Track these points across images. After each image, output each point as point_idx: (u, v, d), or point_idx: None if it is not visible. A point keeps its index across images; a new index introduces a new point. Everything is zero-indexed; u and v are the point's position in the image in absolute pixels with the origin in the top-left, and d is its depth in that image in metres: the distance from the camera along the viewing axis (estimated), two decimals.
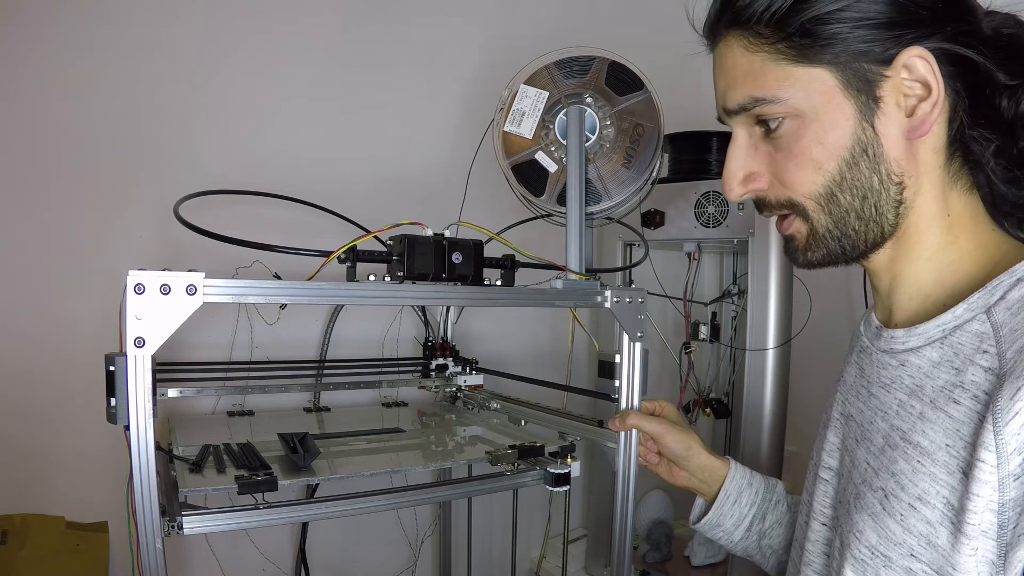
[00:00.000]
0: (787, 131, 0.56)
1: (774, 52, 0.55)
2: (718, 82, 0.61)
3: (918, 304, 0.58)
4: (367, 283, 0.74)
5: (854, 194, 0.56)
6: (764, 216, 0.63)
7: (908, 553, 0.51)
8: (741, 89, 0.57)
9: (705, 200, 1.30)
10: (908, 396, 0.56)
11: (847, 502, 0.60)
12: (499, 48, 1.49)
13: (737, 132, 0.61)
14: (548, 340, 1.62)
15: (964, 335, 0.53)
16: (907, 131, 0.54)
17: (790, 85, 0.55)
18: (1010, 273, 0.52)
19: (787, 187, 0.58)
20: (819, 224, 0.58)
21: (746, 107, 0.58)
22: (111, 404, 0.56)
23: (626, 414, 0.85)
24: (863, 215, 0.56)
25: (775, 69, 0.55)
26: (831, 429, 0.67)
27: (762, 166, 0.60)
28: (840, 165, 0.55)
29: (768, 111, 0.56)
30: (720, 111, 0.62)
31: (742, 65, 0.57)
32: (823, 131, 0.55)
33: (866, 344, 0.63)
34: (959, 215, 0.57)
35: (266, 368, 1.19)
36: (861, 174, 0.55)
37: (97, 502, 1.09)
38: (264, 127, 1.28)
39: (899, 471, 0.54)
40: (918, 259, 0.58)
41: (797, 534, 0.70)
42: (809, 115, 0.55)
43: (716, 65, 0.61)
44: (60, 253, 1.11)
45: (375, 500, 0.75)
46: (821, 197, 0.56)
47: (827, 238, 0.58)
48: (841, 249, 0.58)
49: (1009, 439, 0.45)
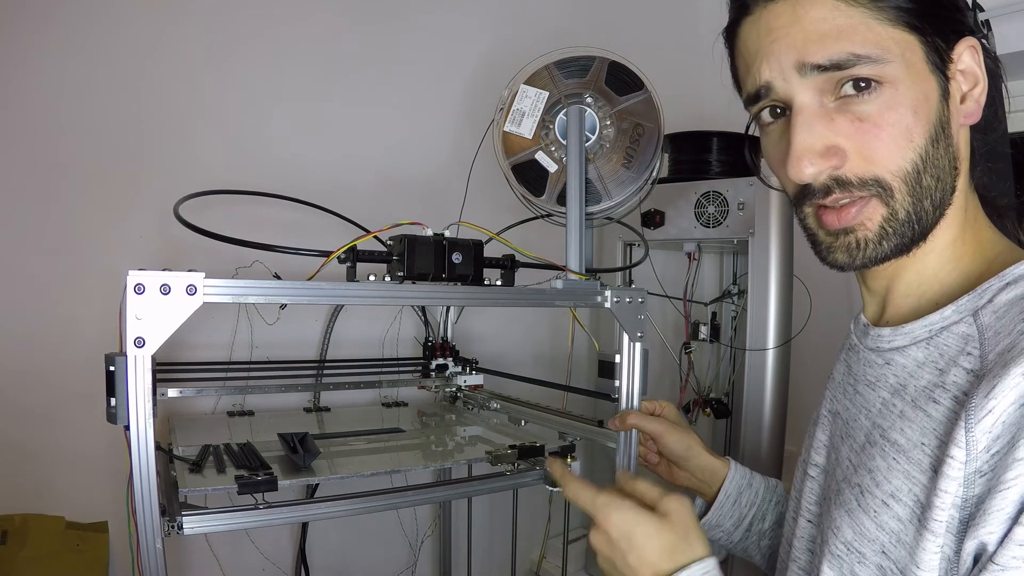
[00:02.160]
0: (881, 98, 0.51)
1: (875, 10, 0.50)
2: (790, 35, 0.52)
3: (912, 302, 0.58)
4: (367, 283, 0.74)
5: (933, 175, 0.52)
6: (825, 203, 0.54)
7: (880, 550, 0.51)
8: (835, 44, 0.50)
9: (705, 200, 1.30)
10: (891, 395, 0.56)
11: (830, 499, 0.60)
12: (499, 48, 1.49)
13: (803, 98, 0.52)
14: (548, 340, 1.62)
15: (950, 336, 0.53)
16: (963, 116, 0.54)
17: (892, 47, 0.50)
18: (1000, 277, 0.52)
19: (874, 163, 0.51)
20: (902, 207, 0.52)
21: (841, 64, 0.50)
22: (111, 404, 0.56)
23: (626, 414, 0.85)
24: (935, 199, 0.53)
25: (877, 28, 0.50)
26: (819, 426, 0.67)
27: (842, 138, 0.52)
28: (927, 141, 0.51)
29: (868, 72, 0.50)
30: (784, 70, 0.53)
31: (834, 19, 0.51)
32: (917, 102, 0.51)
33: (854, 342, 0.63)
34: (970, 212, 0.57)
35: (266, 368, 1.19)
36: (939, 153, 0.52)
37: (97, 502, 1.09)
38: (264, 127, 1.28)
39: (875, 468, 0.54)
40: (929, 253, 0.56)
41: (785, 531, 0.70)
42: (906, 82, 0.51)
43: (784, 19, 0.52)
44: (60, 253, 1.11)
45: (375, 500, 0.75)
46: (909, 175, 0.51)
47: (905, 224, 0.52)
48: (912, 237, 0.53)
49: (980, 436, 0.45)
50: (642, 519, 0.57)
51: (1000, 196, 0.59)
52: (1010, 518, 0.42)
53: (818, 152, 0.52)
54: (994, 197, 0.59)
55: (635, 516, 0.57)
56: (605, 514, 0.58)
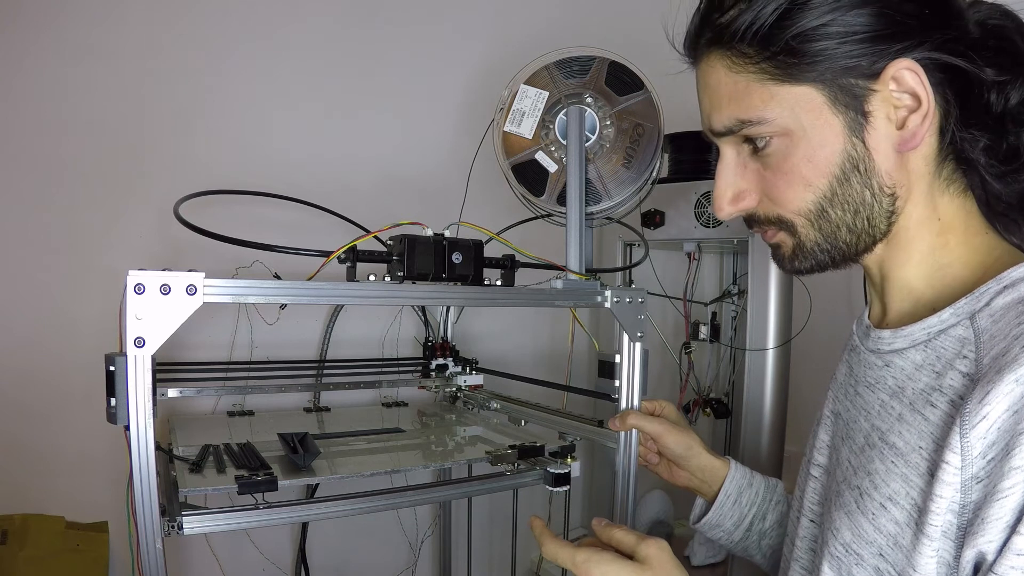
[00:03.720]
0: (776, 150, 0.55)
1: (758, 72, 0.54)
2: (703, 101, 0.60)
3: (910, 306, 0.58)
4: (367, 283, 0.74)
5: (845, 209, 0.55)
6: (753, 231, 0.62)
7: (878, 552, 0.51)
8: (726, 110, 0.56)
9: (705, 200, 1.30)
10: (890, 397, 0.56)
11: (831, 499, 0.60)
12: (499, 48, 1.49)
13: (725, 151, 0.60)
14: (548, 340, 1.62)
15: (947, 339, 0.53)
16: (898, 144, 0.53)
17: (776, 105, 0.54)
18: (998, 280, 0.52)
19: (777, 204, 0.58)
20: (807, 239, 0.58)
21: (732, 129, 0.57)
22: (111, 404, 0.56)
23: (626, 414, 0.85)
24: (854, 228, 0.56)
25: (760, 89, 0.54)
26: (822, 427, 0.67)
27: (751, 184, 0.59)
28: (831, 182, 0.54)
29: (755, 132, 0.55)
30: (705, 130, 0.61)
31: (726, 85, 0.56)
32: (812, 150, 0.54)
33: (856, 343, 0.64)
34: (950, 219, 0.56)
35: (266, 368, 1.19)
36: (852, 189, 0.54)
37: (97, 502, 1.09)
38: (264, 127, 1.28)
39: (874, 471, 0.54)
40: (907, 262, 0.58)
41: (788, 530, 0.70)
42: (797, 134, 0.54)
43: (700, 83, 0.60)
44: (60, 253, 1.11)
45: (375, 500, 0.75)
46: (811, 214, 0.56)
47: (815, 251, 0.58)
48: (830, 259, 0.58)
49: (975, 442, 0.45)
50: (623, 570, 0.58)
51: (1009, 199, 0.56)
52: (1008, 527, 0.42)
53: (730, 198, 0.60)
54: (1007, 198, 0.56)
55: (616, 569, 0.58)
56: (586, 570, 0.58)
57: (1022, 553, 0.41)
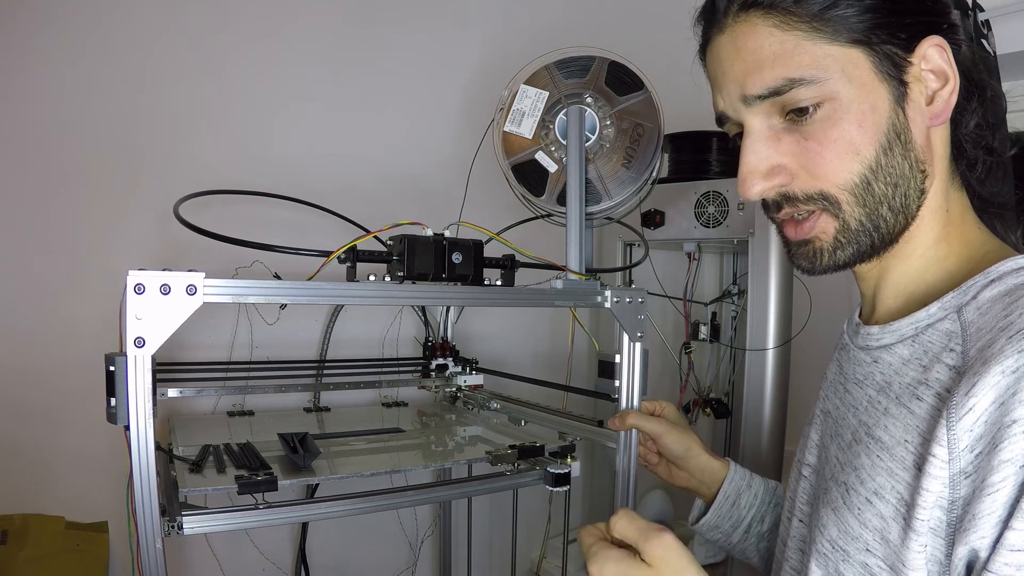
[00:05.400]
0: (824, 115, 0.52)
1: (810, 30, 0.51)
2: (732, 68, 0.55)
3: (902, 302, 0.58)
4: (367, 283, 0.74)
5: (887, 182, 0.53)
6: (779, 217, 0.57)
7: (864, 548, 0.51)
8: (772, 71, 0.52)
9: (705, 200, 1.30)
10: (877, 392, 0.56)
11: (819, 498, 0.60)
12: (499, 48, 1.49)
13: (752, 123, 0.55)
14: (548, 340, 1.62)
15: (935, 334, 0.53)
16: (930, 118, 0.53)
17: (830, 64, 0.51)
18: (985, 274, 0.52)
19: (819, 178, 0.54)
20: (852, 217, 0.54)
21: (779, 90, 0.52)
22: (111, 404, 0.56)
23: (626, 414, 0.85)
24: (894, 205, 0.54)
25: (812, 48, 0.51)
26: (812, 426, 0.67)
27: (788, 156, 0.54)
28: (877, 151, 0.52)
29: (805, 94, 0.52)
30: (732, 101, 0.56)
31: (770, 46, 0.52)
32: (862, 114, 0.52)
33: (846, 341, 0.64)
34: (956, 211, 0.57)
35: (266, 368, 1.19)
36: (895, 160, 0.53)
37: (97, 502, 1.09)
38: (264, 127, 1.28)
39: (860, 465, 0.54)
40: (912, 255, 0.57)
41: (780, 531, 0.70)
42: (847, 97, 0.52)
43: (728, 50, 0.55)
44: (60, 253, 1.11)
45: (375, 500, 0.75)
46: (857, 187, 0.53)
47: (860, 232, 0.54)
48: (871, 243, 0.55)
49: (961, 435, 0.44)
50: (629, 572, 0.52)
51: (995, 195, 0.59)
52: (1001, 521, 0.42)
53: (763, 173, 0.55)
54: (992, 195, 0.59)
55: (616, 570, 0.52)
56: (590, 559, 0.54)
57: (1016, 548, 0.41)
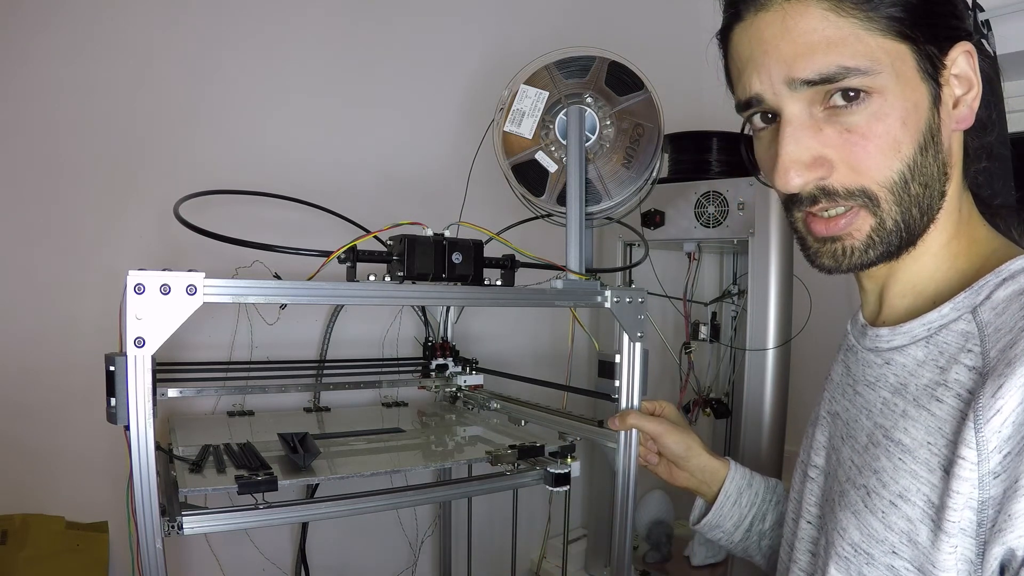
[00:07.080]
0: (870, 109, 0.51)
1: (866, 20, 0.50)
2: (779, 48, 0.52)
3: (909, 302, 0.58)
4: (367, 283, 0.74)
5: (921, 182, 0.52)
6: (812, 211, 0.55)
7: (890, 550, 0.51)
8: (824, 57, 0.50)
9: (705, 200, 1.30)
10: (892, 394, 0.56)
11: (832, 500, 0.60)
12: (499, 48, 1.49)
13: (793, 109, 0.52)
14: (548, 340, 1.62)
15: (949, 334, 0.53)
16: (955, 122, 0.54)
17: (881, 58, 0.50)
18: (996, 273, 0.52)
19: (861, 174, 0.52)
20: (889, 216, 0.53)
21: (832, 78, 0.50)
22: (111, 404, 0.56)
23: (626, 414, 0.85)
24: (923, 206, 0.53)
25: (867, 38, 0.50)
26: (818, 427, 0.67)
27: (831, 148, 0.52)
28: (915, 150, 0.51)
29: (858, 83, 0.50)
30: (774, 84, 0.53)
31: (824, 30, 0.50)
32: (907, 112, 0.51)
33: (852, 343, 0.63)
34: (964, 212, 0.57)
35: (266, 368, 1.19)
36: (928, 160, 0.52)
37: (97, 502, 1.09)
38: (264, 127, 1.28)
39: (881, 468, 0.54)
40: (924, 254, 0.57)
41: (785, 533, 0.70)
42: (895, 92, 0.51)
43: (773, 31, 0.52)
44: (60, 253, 1.11)
45: (375, 500, 0.75)
46: (896, 185, 0.52)
47: (892, 232, 0.53)
48: (899, 244, 0.54)
49: (990, 436, 0.45)
50: None
51: (994, 196, 0.59)
52: None
53: (805, 163, 0.53)
54: (989, 196, 0.59)
55: None
56: None
57: None
